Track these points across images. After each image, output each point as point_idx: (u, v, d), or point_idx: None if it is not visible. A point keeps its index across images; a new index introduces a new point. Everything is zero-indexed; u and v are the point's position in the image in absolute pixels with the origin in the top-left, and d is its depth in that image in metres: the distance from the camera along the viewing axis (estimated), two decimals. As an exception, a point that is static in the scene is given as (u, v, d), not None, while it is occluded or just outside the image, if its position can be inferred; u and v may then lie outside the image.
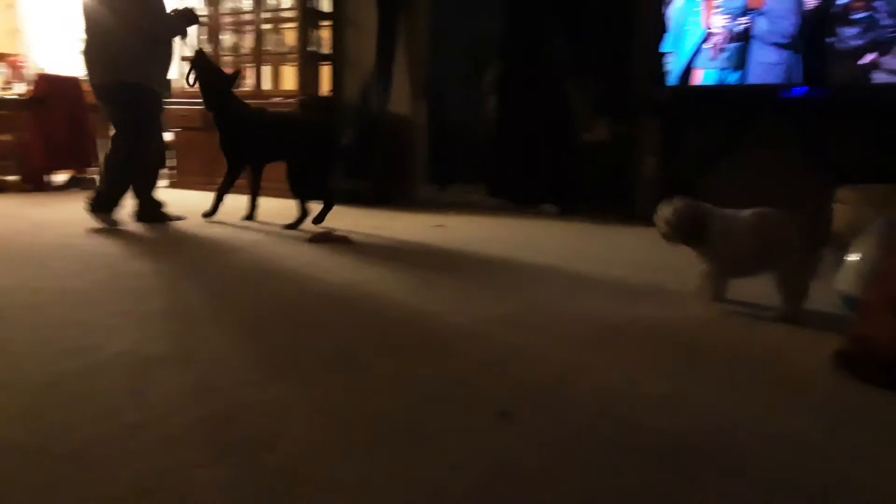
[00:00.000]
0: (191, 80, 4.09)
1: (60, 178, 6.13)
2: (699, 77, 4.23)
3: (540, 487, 1.08)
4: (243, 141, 4.06)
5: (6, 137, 5.96)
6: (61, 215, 4.06)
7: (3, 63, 7.51)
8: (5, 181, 5.97)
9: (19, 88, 6.34)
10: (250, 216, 4.13)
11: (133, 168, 3.75)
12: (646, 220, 4.38)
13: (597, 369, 1.67)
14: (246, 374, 1.57)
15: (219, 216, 4.02)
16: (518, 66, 5.16)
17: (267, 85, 6.20)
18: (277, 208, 4.10)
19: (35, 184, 5.78)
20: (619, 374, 1.64)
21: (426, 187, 6.02)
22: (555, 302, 2.34)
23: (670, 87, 4.34)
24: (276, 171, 4.05)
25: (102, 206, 3.65)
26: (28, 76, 6.53)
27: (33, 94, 5.76)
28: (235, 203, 4.08)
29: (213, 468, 1.10)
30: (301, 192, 3.89)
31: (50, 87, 5.65)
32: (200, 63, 4.15)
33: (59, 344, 1.71)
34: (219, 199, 4.09)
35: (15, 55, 7.88)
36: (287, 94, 5.96)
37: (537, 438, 1.26)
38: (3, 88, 6.61)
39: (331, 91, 6.07)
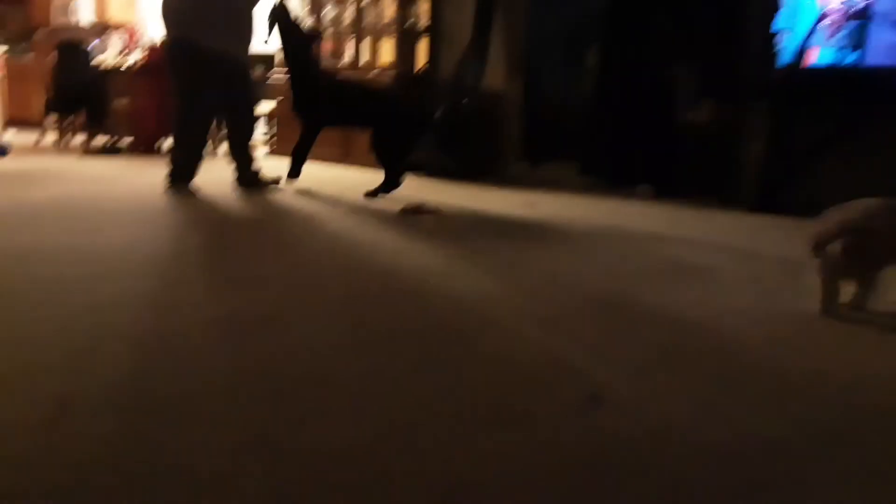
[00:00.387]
0: (268, 37, 4.03)
1: (168, 142, 6.46)
2: (813, 57, 3.97)
3: (632, 477, 1.06)
4: (322, 103, 4.05)
5: (122, 103, 6.32)
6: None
7: (119, 32, 7.95)
8: (120, 145, 6.35)
9: (134, 57, 6.70)
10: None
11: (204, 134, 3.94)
12: (749, 206, 4.23)
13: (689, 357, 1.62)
14: (339, 340, 1.61)
15: (306, 183, 4.10)
16: (621, 43, 5.00)
17: (365, 58, 6.27)
18: (364, 179, 4.17)
19: (146, 148, 6.12)
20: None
21: (518, 164, 5.98)
22: (642, 288, 2.28)
23: (782, 67, 4.10)
24: (363, 140, 4.10)
25: (180, 176, 3.83)
26: (142, 45, 6.88)
27: (147, 62, 6.06)
28: (328, 173, 4.17)
29: (311, 427, 1.14)
30: (385, 160, 3.92)
31: (163, 55, 5.91)
32: (281, 18, 4.04)
33: (168, 303, 1.81)
34: (299, 162, 4.12)
35: (130, 24, 8.32)
36: (384, 68, 6.02)
37: (633, 417, 1.24)
38: (120, 56, 7.00)
39: (426, 65, 6.09)
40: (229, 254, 2.51)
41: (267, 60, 7.27)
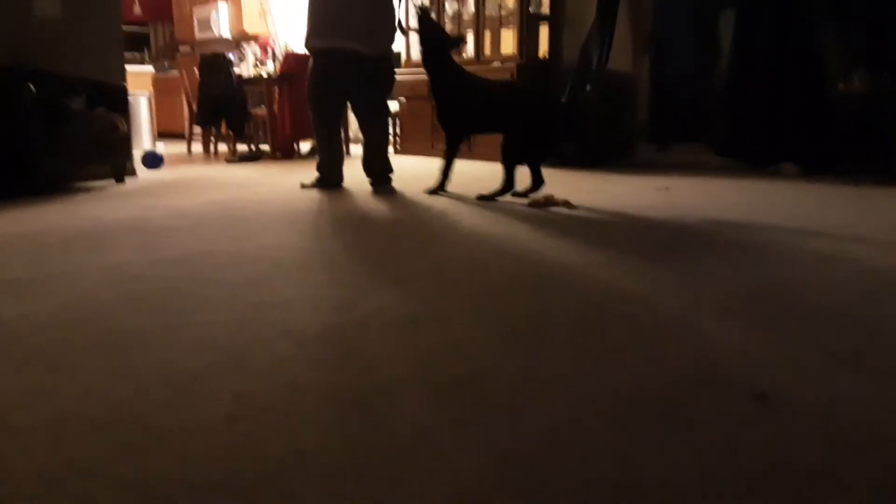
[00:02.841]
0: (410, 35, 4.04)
1: (304, 146, 6.80)
2: None
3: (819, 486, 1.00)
4: (463, 111, 3.86)
5: (259, 111, 6.71)
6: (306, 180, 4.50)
7: (254, 43, 8.43)
8: (260, 150, 6.75)
9: (269, 66, 7.09)
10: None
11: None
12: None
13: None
14: (489, 336, 1.63)
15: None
16: (760, 10, 4.67)
17: (487, 50, 6.29)
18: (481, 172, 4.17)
19: (284, 152, 6.47)
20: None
21: (646, 147, 5.78)
22: (796, 283, 2.13)
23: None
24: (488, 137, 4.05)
25: (328, 178, 4.09)
26: (277, 55, 7.26)
27: (281, 70, 6.40)
28: (458, 170, 4.20)
29: (469, 428, 1.16)
30: (512, 162, 3.72)
31: (296, 64, 6.23)
32: (424, 23, 3.99)
33: (326, 301, 1.91)
34: (445, 174, 3.98)
35: (264, 36, 8.80)
36: (506, 58, 6.01)
37: (806, 424, 1.16)
38: (256, 67, 7.44)
39: (548, 52, 6.01)
40: (372, 252, 2.61)
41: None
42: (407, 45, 6.67)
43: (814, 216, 3.23)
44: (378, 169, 4.14)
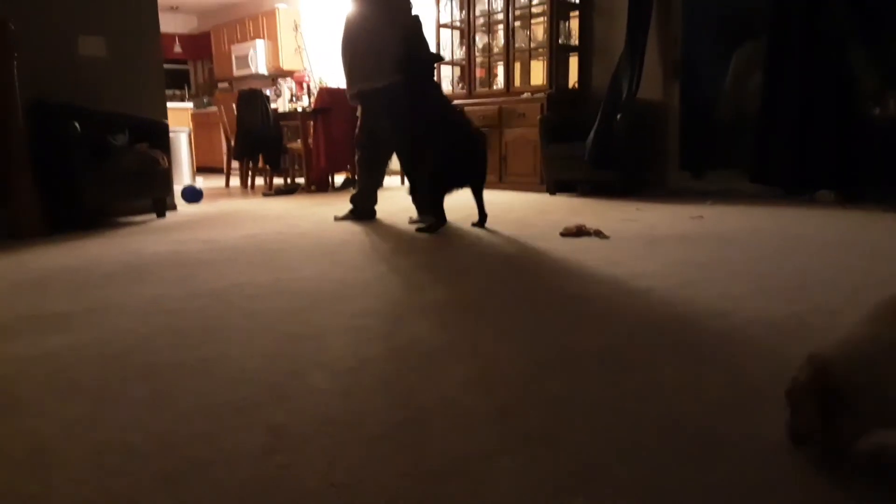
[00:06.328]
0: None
1: (338, 179, 6.91)
2: None
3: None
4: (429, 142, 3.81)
5: (295, 145, 6.85)
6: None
7: (290, 79, 8.64)
8: (295, 183, 6.88)
9: (304, 101, 7.25)
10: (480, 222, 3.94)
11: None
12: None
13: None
14: (524, 366, 1.63)
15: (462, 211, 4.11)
16: (790, 33, 4.64)
17: (517, 82, 6.35)
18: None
19: (319, 185, 6.58)
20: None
21: (678, 175, 5.74)
22: (835, 306, 2.09)
23: None
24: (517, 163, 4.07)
25: (363, 209, 4.19)
26: (312, 89, 7.44)
27: (316, 105, 6.54)
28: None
29: (507, 457, 1.16)
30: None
31: (330, 99, 6.36)
32: (413, 30, 3.92)
33: (360, 332, 1.93)
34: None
35: (299, 72, 9.02)
36: (536, 89, 6.06)
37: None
38: (291, 102, 7.62)
39: (578, 82, 6.05)
40: (406, 282, 2.63)
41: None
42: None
43: (846, 242, 3.16)
44: (418, 201, 4.20)
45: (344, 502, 1.02)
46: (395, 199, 5.15)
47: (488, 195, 4.04)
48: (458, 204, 3.95)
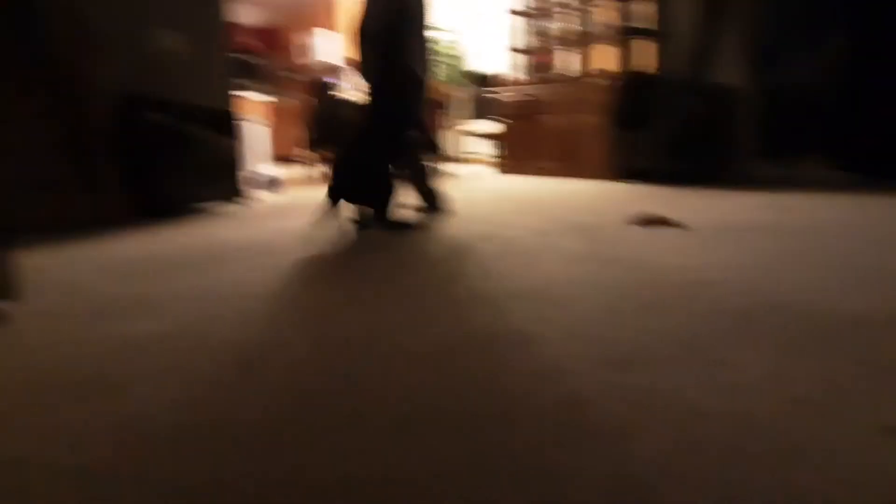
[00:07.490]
0: None
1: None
2: None
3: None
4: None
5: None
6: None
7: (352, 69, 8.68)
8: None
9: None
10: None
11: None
12: None
13: None
14: (598, 357, 1.61)
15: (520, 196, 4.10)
16: (878, 9, 4.37)
17: (591, 65, 6.26)
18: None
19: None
20: None
21: (756, 162, 5.54)
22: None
23: None
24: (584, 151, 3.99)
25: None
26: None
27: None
28: (547, 185, 4.17)
29: (576, 455, 1.16)
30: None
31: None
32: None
33: (419, 319, 1.96)
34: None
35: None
36: (605, 75, 5.96)
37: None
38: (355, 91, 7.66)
39: (657, 66, 5.90)
40: (477, 272, 2.64)
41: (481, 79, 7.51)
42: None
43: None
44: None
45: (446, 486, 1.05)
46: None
47: (556, 183, 4.00)
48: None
